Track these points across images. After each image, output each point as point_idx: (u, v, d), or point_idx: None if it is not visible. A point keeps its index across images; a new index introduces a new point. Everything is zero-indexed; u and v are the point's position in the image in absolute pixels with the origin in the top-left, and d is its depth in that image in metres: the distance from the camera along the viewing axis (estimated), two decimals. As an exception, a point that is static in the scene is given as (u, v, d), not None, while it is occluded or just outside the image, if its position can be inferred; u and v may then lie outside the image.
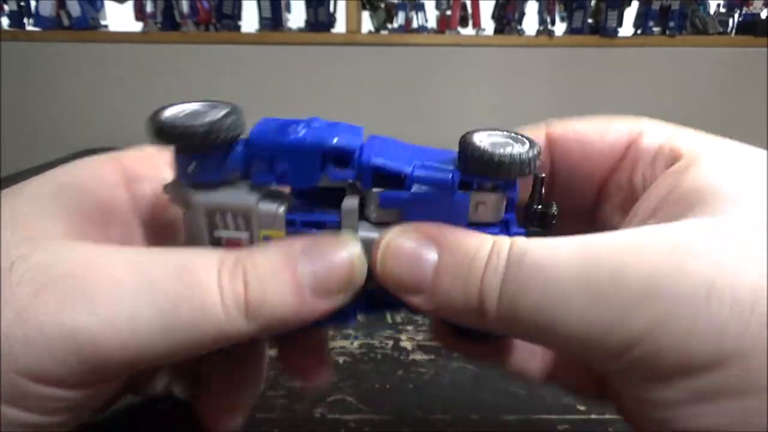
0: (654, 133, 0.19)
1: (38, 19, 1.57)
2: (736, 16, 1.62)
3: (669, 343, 0.13)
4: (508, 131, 0.17)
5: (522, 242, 0.15)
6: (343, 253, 0.16)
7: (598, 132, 0.20)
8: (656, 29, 1.60)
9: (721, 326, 0.12)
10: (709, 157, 0.16)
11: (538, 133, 0.20)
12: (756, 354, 0.12)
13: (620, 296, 0.13)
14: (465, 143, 0.16)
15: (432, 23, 1.64)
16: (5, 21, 1.60)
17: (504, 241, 0.15)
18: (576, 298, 0.14)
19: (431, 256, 0.16)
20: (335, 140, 0.16)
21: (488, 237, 0.16)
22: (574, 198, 0.21)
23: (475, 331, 0.17)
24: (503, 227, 0.18)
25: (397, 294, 0.16)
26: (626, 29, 1.61)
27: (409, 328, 0.44)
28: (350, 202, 0.17)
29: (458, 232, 0.16)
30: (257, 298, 0.15)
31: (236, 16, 1.59)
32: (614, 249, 0.14)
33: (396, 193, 0.17)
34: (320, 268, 0.16)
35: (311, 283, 0.16)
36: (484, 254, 0.15)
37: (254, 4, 1.58)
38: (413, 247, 0.16)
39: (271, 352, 0.25)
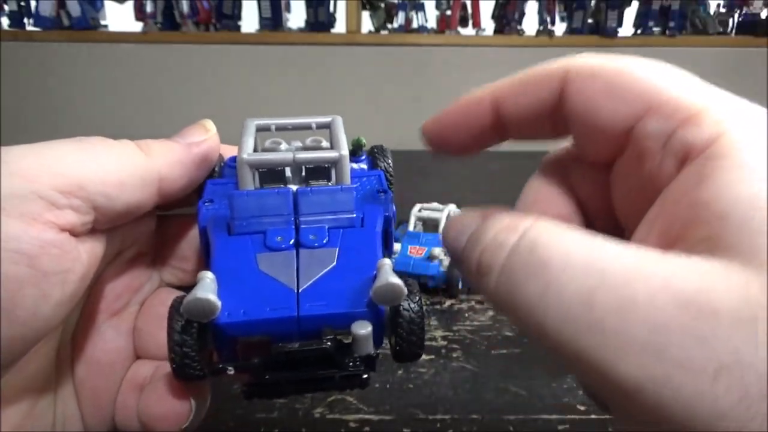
0: (663, 115, 0.17)
1: (38, 19, 1.57)
2: (736, 16, 1.61)
3: (664, 405, 0.12)
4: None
5: (539, 227, 0.15)
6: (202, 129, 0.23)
7: (606, 99, 0.18)
8: (656, 29, 1.60)
9: (724, 413, 0.12)
10: (731, 161, 0.14)
11: (553, 75, 0.19)
12: None
13: (623, 337, 0.12)
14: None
15: (432, 23, 1.63)
16: (5, 21, 1.60)
17: (524, 220, 0.15)
18: (574, 317, 0.13)
19: (474, 225, 0.17)
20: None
21: (517, 213, 0.16)
22: (589, 155, 0.20)
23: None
24: None
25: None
26: (626, 29, 1.61)
27: (409, 328, 0.44)
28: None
29: (504, 210, 0.17)
30: (146, 145, 0.21)
31: (236, 16, 1.59)
32: (627, 278, 0.13)
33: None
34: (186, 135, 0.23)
35: (182, 138, 0.22)
36: (497, 228, 0.16)
37: (254, 4, 1.58)
38: (467, 217, 0.18)
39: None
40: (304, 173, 0.21)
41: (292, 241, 0.19)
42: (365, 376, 0.18)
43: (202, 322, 0.16)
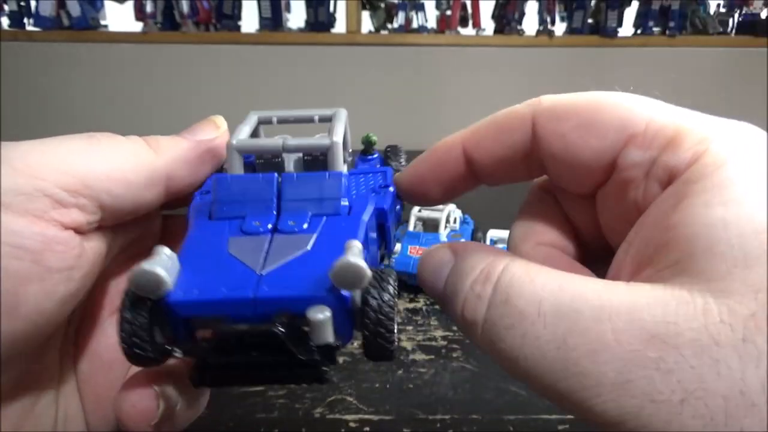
0: (646, 142, 0.17)
1: (38, 19, 1.57)
2: (736, 16, 1.61)
3: None
4: None
5: (509, 277, 0.15)
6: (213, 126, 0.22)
7: (582, 137, 0.18)
8: (656, 29, 1.60)
9: None
10: (705, 182, 0.14)
11: (523, 118, 0.19)
12: None
13: (596, 377, 0.13)
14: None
15: (432, 23, 1.63)
16: (5, 21, 1.60)
17: (495, 268, 0.16)
18: (551, 362, 0.14)
19: (449, 265, 0.17)
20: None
21: (488, 256, 0.16)
22: (570, 189, 0.20)
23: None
24: None
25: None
26: (626, 29, 1.61)
27: (409, 328, 0.43)
28: None
29: (474, 246, 0.17)
30: (155, 142, 0.21)
31: (236, 16, 1.59)
32: (595, 318, 0.13)
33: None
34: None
35: (191, 134, 0.22)
36: (472, 277, 0.16)
37: (254, 4, 1.58)
38: (440, 256, 0.18)
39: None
40: (303, 164, 0.21)
41: (270, 226, 0.18)
42: (324, 368, 0.16)
43: (153, 299, 0.15)
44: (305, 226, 0.18)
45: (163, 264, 0.15)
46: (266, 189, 0.19)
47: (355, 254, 0.15)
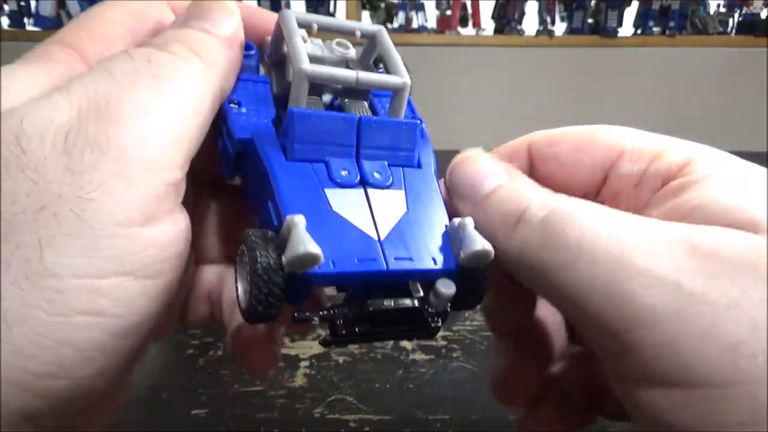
0: (634, 157, 0.18)
1: (38, 19, 1.57)
2: (736, 16, 1.62)
3: (677, 338, 0.13)
4: None
5: (569, 208, 0.16)
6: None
7: (576, 156, 0.19)
8: (656, 29, 1.61)
9: (736, 343, 0.13)
10: (708, 179, 0.16)
11: (521, 147, 0.21)
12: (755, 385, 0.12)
13: (646, 273, 0.14)
14: None
15: (432, 23, 1.64)
16: (5, 21, 1.60)
17: (558, 198, 0.17)
18: (605, 259, 0.14)
19: (499, 177, 0.18)
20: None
21: (545, 190, 0.17)
22: None
23: None
24: None
25: (451, 191, 0.19)
26: (626, 29, 1.61)
27: (409, 328, 0.44)
28: None
29: (522, 175, 0.19)
30: (203, 50, 0.17)
31: (236, 16, 1.60)
32: (638, 253, 0.14)
33: None
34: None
35: (212, 25, 0.18)
36: (537, 202, 0.17)
37: (254, 5, 1.58)
38: (486, 164, 0.19)
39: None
40: (341, 94, 0.20)
41: (357, 179, 0.17)
42: (436, 326, 0.17)
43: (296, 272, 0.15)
44: (390, 181, 0.18)
45: (312, 240, 0.15)
46: (347, 132, 0.18)
47: (483, 240, 0.16)
